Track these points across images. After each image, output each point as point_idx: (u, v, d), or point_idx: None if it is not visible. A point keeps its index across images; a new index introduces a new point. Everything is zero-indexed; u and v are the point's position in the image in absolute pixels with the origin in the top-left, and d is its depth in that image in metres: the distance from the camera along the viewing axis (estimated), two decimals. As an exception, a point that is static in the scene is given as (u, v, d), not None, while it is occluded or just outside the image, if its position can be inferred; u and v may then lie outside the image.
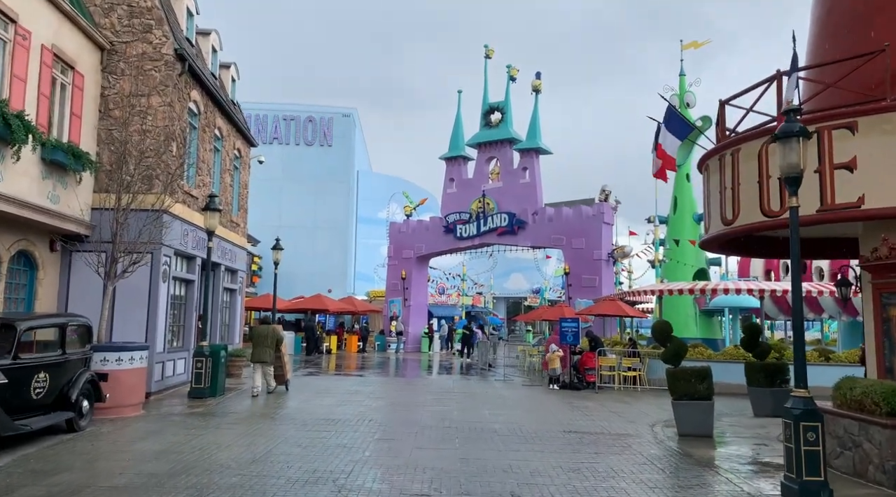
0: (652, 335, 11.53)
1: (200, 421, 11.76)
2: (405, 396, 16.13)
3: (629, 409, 14.56)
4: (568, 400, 15.95)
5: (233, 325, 21.42)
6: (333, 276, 50.95)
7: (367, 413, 13.04)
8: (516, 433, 11.15)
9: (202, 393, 14.52)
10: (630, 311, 20.47)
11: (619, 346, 20.93)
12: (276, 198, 52.12)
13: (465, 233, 35.11)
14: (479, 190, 35.06)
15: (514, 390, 17.97)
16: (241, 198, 21.92)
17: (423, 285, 38.81)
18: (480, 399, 15.75)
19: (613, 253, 31.28)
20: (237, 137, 21.07)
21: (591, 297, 29.24)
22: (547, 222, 32.39)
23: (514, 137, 34.59)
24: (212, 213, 14.99)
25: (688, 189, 36.14)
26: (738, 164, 10.55)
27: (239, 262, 21.45)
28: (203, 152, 17.52)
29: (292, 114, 53.27)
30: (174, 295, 16.21)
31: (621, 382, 18.82)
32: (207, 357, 14.65)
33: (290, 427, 11.26)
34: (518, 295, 65.17)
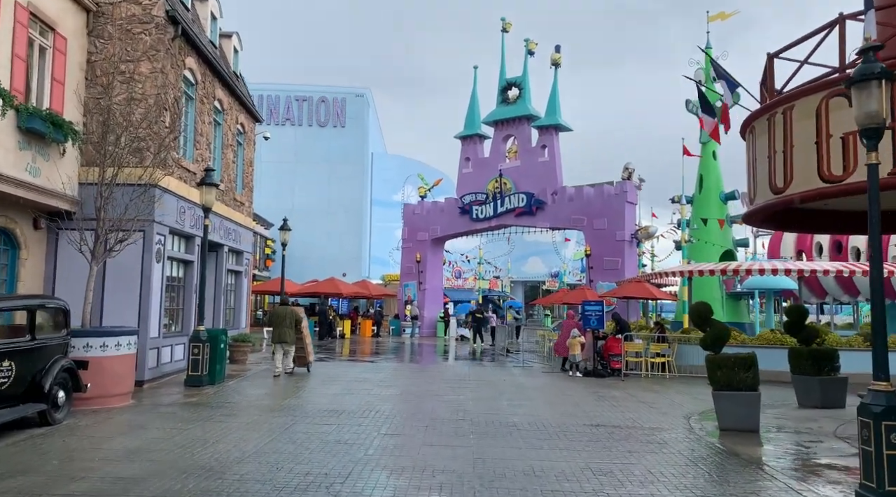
0: (690, 318, 10.30)
1: (192, 412, 10.77)
2: (417, 385, 15.07)
3: (660, 399, 13.37)
4: (593, 389, 14.80)
5: (238, 308, 20.47)
6: (348, 259, 50.05)
7: (375, 403, 11.98)
8: (538, 427, 10.03)
9: (199, 381, 13.55)
10: (658, 293, 19.18)
11: (644, 331, 19.70)
12: (289, 180, 51.22)
13: (482, 214, 33.89)
14: (495, 169, 33.78)
15: (534, 378, 16.85)
16: (245, 175, 20.88)
17: (439, 268, 37.72)
18: (498, 388, 14.64)
19: (637, 234, 29.92)
20: (240, 111, 19.99)
21: (614, 280, 28.00)
22: (567, 202, 31.08)
23: (532, 114, 33.22)
24: (208, 188, 13.94)
25: (714, 167, 34.65)
26: (792, 124, 9.26)
27: (244, 243, 20.46)
28: (201, 125, 16.45)
29: (304, 94, 52.16)
30: (171, 276, 15.23)
31: (648, 369, 17.62)
32: (204, 342, 13.67)
33: (289, 419, 10.23)
34: (536, 279, 63.93)
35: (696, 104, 35.07)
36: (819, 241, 30.57)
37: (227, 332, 14.84)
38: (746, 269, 18.28)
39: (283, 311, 15.93)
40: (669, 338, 18.08)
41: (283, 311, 15.92)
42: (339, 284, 33.88)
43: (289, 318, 15.68)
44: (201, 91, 16.38)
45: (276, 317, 15.80)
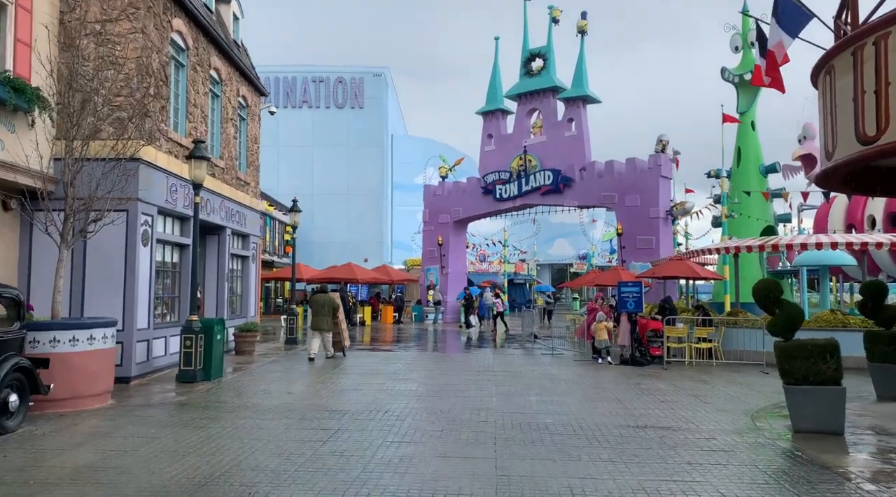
0: (755, 298, 8.57)
1: (173, 415, 9.37)
2: (435, 377, 13.54)
3: (712, 392, 11.67)
4: (633, 379, 13.14)
5: (246, 295, 19.11)
6: (369, 244, 48.71)
7: (386, 401, 10.48)
8: (574, 430, 8.43)
9: (192, 376, 12.19)
10: (703, 272, 17.34)
11: (685, 314, 17.92)
12: (308, 164, 49.95)
13: (506, 193, 32.15)
14: (519, 146, 31.99)
15: (566, 367, 15.23)
16: (250, 153, 19.43)
17: (462, 252, 36.12)
18: (526, 380, 13.05)
19: (672, 210, 27.94)
20: (242, 83, 18.51)
21: (648, 260, 26.15)
22: (596, 178, 29.20)
23: (558, 86, 31.30)
24: (198, 162, 12.47)
25: (753, 138, 32.52)
26: (888, 55, 7.45)
27: (250, 226, 19.06)
28: (195, 95, 15.00)
29: (321, 75, 50.66)
30: (164, 261, 13.87)
31: (693, 356, 15.89)
32: (197, 334, 12.28)
33: (282, 422, 8.78)
34: (563, 261, 62.01)
35: (733, 72, 33.08)
36: (871, 213, 28.31)
37: (223, 321, 13.45)
38: (801, 243, 16.36)
39: (321, 298, 16.13)
40: (715, 321, 16.30)
41: (322, 298, 16.11)
42: (357, 270, 32.45)
43: (327, 305, 15.92)
44: (194, 58, 14.91)
45: (314, 304, 16.08)
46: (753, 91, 32.40)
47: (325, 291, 16.68)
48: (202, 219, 15.19)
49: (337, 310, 16.29)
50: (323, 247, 47.63)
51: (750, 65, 32.03)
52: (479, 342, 22.68)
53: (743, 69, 32.19)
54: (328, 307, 15.92)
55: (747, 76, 31.73)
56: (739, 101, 32.55)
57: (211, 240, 17.04)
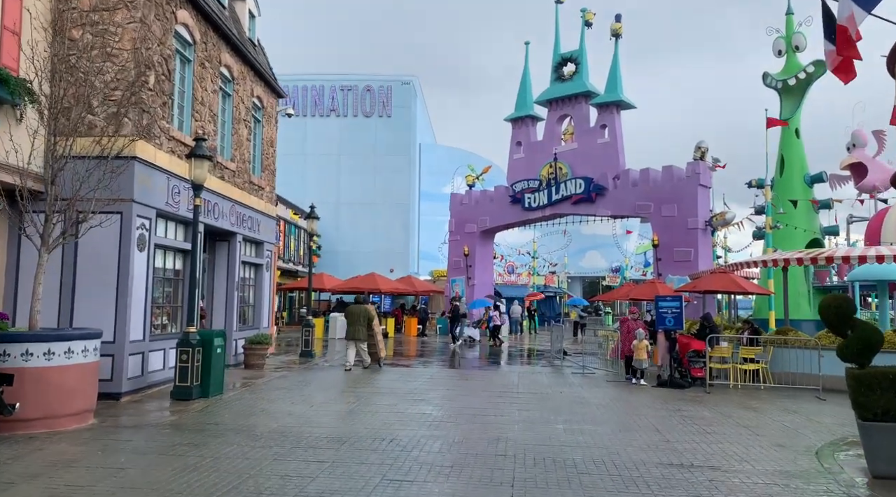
0: (822, 317, 7.23)
1: (154, 439, 8.35)
2: (453, 398, 12.36)
3: (765, 422, 10.29)
4: (673, 405, 11.80)
5: (259, 305, 18.18)
6: (395, 254, 47.79)
7: (393, 427, 9.35)
8: (607, 469, 7.20)
9: (188, 393, 11.21)
10: (750, 286, 15.88)
11: (728, 331, 16.49)
12: (335, 173, 49.34)
13: (535, 203, 30.91)
14: (549, 153, 30.77)
15: (598, 389, 13.93)
16: (265, 157, 18.57)
17: (489, 262, 34.92)
18: (552, 403, 11.80)
19: (712, 220, 26.42)
20: (257, 83, 17.68)
21: (685, 273, 24.68)
22: (631, 187, 27.82)
23: (590, 91, 30.05)
24: (198, 161, 11.56)
25: (797, 146, 30.81)
26: None
27: (264, 233, 18.16)
28: (202, 93, 14.16)
29: (349, 83, 50.10)
30: (164, 268, 12.98)
31: (738, 379, 14.46)
32: (195, 347, 11.32)
33: (272, 451, 7.70)
34: (595, 274, 60.32)
35: (776, 78, 31.45)
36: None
37: (224, 333, 12.47)
38: (859, 255, 14.83)
39: (356, 309, 16.38)
40: (763, 340, 14.85)
41: (357, 309, 16.37)
42: (380, 280, 31.54)
43: (362, 315, 16.18)
44: (202, 53, 14.09)
45: (350, 315, 16.34)
46: (798, 97, 30.76)
47: (361, 302, 17.02)
48: (208, 224, 14.36)
49: (372, 320, 16.51)
50: (348, 256, 46.86)
51: (794, 69, 30.42)
52: (504, 357, 21.45)
53: (787, 74, 30.57)
54: (363, 317, 16.17)
55: (791, 81, 30.16)
56: (783, 108, 30.91)
57: (220, 246, 16.17)
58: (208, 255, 16.07)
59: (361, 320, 16.16)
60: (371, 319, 16.49)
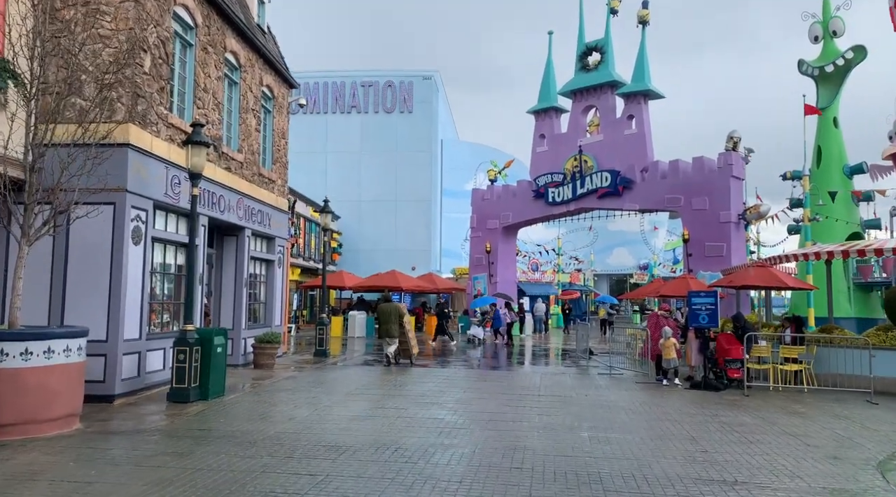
0: (887, 312, 6.20)
1: (136, 448, 7.63)
2: (468, 402, 11.49)
3: (814, 430, 9.26)
4: (709, 409, 10.80)
5: (271, 303, 17.49)
6: (417, 252, 47.00)
7: (400, 433, 8.52)
8: (638, 486, 6.29)
9: (185, 395, 10.52)
10: (792, 281, 14.73)
11: (766, 330, 15.36)
12: (356, 170, 48.70)
13: (559, 197, 29.88)
14: (574, 146, 29.70)
15: (626, 392, 12.95)
16: (277, 149, 17.87)
17: (511, 259, 33.93)
18: (577, 408, 10.87)
19: (745, 214, 25.13)
20: (267, 72, 16.98)
21: (718, 269, 23.50)
22: (659, 179, 26.65)
23: (616, 80, 28.91)
24: (196, 148, 10.86)
25: (835, 136, 29.45)
26: None
27: (275, 227, 17.47)
28: (205, 79, 13.47)
29: (370, 79, 49.39)
30: (164, 263, 12.30)
31: (779, 380, 13.38)
32: (192, 346, 10.62)
33: (262, 462, 6.93)
34: (622, 271, 58.92)
35: (812, 65, 30.02)
36: None
37: (225, 332, 11.74)
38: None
39: (386, 307, 16.86)
40: (807, 339, 13.74)
41: (387, 307, 16.85)
42: (401, 278, 30.76)
43: (392, 314, 16.63)
44: (204, 37, 13.40)
45: (380, 313, 16.76)
46: (835, 85, 29.35)
47: (390, 300, 17.52)
48: (213, 217, 13.70)
49: (402, 318, 16.89)
50: (370, 254, 46.21)
51: (832, 55, 29.02)
52: (526, 357, 20.53)
53: (824, 60, 29.18)
54: (394, 315, 16.63)
55: (829, 68, 28.77)
56: (819, 97, 29.52)
57: (228, 241, 15.51)
58: (215, 251, 15.43)
59: (392, 318, 16.58)
60: (401, 317, 16.86)
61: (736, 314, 14.81)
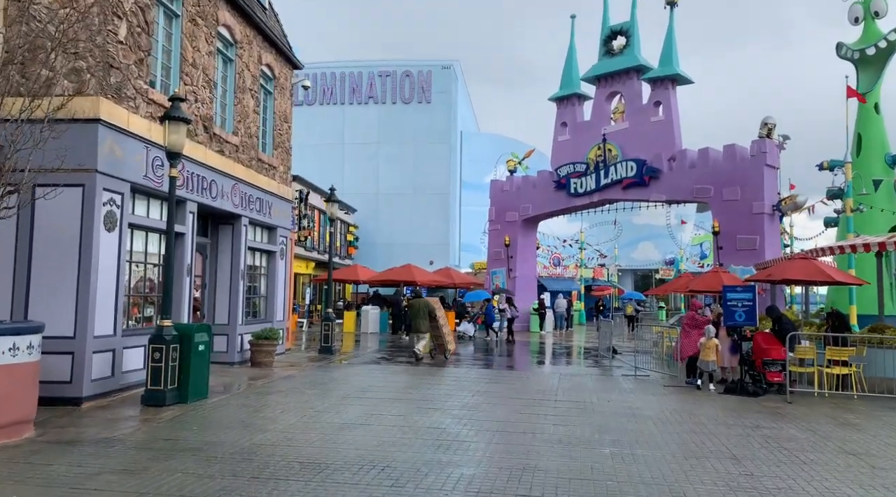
0: None
1: (84, 463, 6.58)
2: (475, 407, 10.31)
3: (878, 447, 7.94)
4: (749, 419, 9.50)
5: (272, 297, 16.47)
6: (436, 246, 45.88)
7: (393, 446, 7.38)
8: (673, 524, 5.07)
9: (160, 398, 9.48)
10: (839, 275, 13.31)
11: (807, 329, 13.97)
12: (373, 163, 47.68)
13: (581, 188, 28.53)
14: (598, 134, 28.32)
15: (654, 397, 11.68)
16: (278, 132, 16.81)
17: (531, 253, 32.66)
18: (598, 416, 9.64)
19: (780, 205, 23.60)
20: (267, 50, 15.91)
21: (750, 263, 22.04)
22: (688, 169, 25.22)
23: (642, 65, 27.47)
24: (174, 125, 9.79)
25: (877, 123, 27.62)
26: None
27: (277, 216, 16.43)
28: (194, 54, 12.42)
29: (388, 69, 48.29)
30: (145, 251, 11.29)
31: (826, 385, 12.01)
32: (169, 343, 9.59)
33: (222, 483, 5.84)
34: (647, 267, 57.19)
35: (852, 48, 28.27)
36: None
37: (209, 328, 10.69)
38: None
39: (417, 303, 17.12)
40: (852, 339, 12.34)
41: (418, 303, 17.09)
42: (416, 272, 29.57)
43: (423, 308, 16.82)
44: (192, 8, 12.34)
45: (411, 308, 17.17)
46: (877, 69, 27.55)
47: (420, 296, 17.85)
48: (204, 203, 12.70)
49: (433, 313, 17.01)
50: (387, 248, 45.17)
51: (873, 37, 27.26)
52: (545, 356, 19.30)
53: (864, 43, 27.39)
54: (424, 310, 16.78)
55: (870, 51, 27.00)
56: (860, 82, 27.73)
57: (223, 230, 14.50)
58: (210, 241, 14.43)
59: (422, 313, 16.72)
60: (432, 312, 16.96)
61: (770, 307, 13.44)
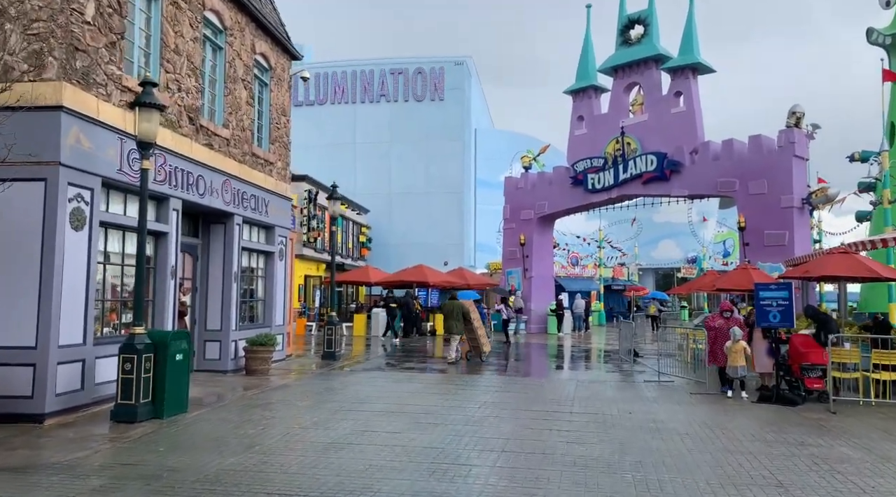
0: None
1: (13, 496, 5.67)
2: (479, 422, 9.26)
3: (944, 469, 6.80)
4: (791, 435, 8.38)
5: (270, 300, 15.55)
6: (450, 246, 44.87)
7: (375, 473, 6.39)
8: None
9: (130, 414, 8.58)
10: (885, 270, 12.09)
11: (847, 330, 12.76)
12: (385, 162, 46.81)
13: (599, 183, 27.39)
14: (615, 127, 27.16)
15: (680, 407, 10.58)
16: (275, 126, 15.91)
17: (548, 252, 31.53)
18: (618, 431, 8.57)
19: (811, 198, 22.29)
20: (261, 39, 15.02)
21: (779, 260, 20.79)
22: (711, 162, 24.00)
23: (662, 54, 26.27)
24: (145, 112, 8.89)
25: (910, 112, 26.29)
26: None
27: (274, 215, 15.53)
28: (177, 39, 11.54)
29: (399, 67, 47.39)
30: (122, 253, 10.42)
31: (874, 393, 10.82)
32: (142, 353, 8.68)
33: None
34: (669, 265, 55.71)
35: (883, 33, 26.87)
36: None
37: (187, 335, 9.78)
38: None
39: (450, 305, 17.14)
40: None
41: (452, 305, 17.11)
42: (428, 272, 28.57)
43: (456, 310, 16.87)
44: (174, -10, 11.47)
45: (446, 310, 17.14)
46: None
47: (455, 299, 17.76)
48: (190, 200, 11.83)
49: (468, 315, 17.06)
50: (400, 249, 44.25)
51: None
52: (564, 359, 18.22)
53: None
54: (458, 312, 16.83)
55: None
56: (892, 67, 26.32)
57: (215, 230, 13.60)
58: (200, 241, 13.55)
59: (456, 315, 16.79)
60: (467, 314, 17.01)
61: (808, 306, 12.28)
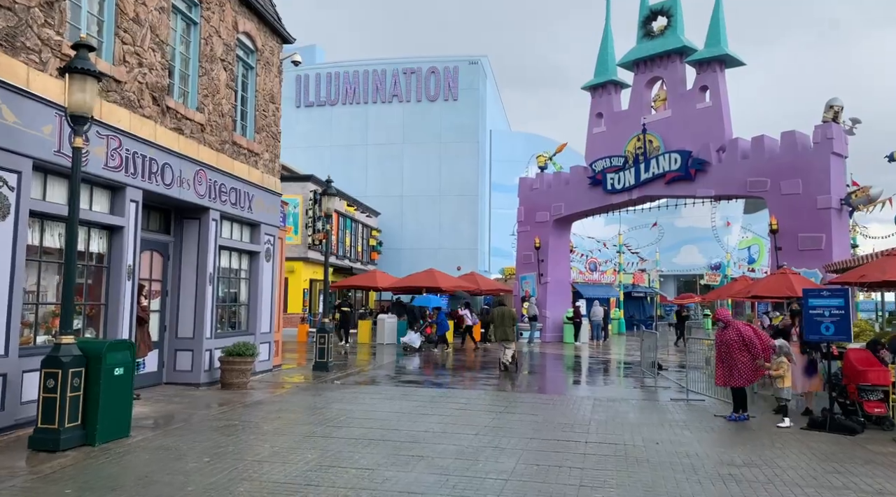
0: None
1: None
2: (473, 455, 7.68)
3: None
4: (860, 475, 6.72)
5: (254, 305, 14.12)
6: (463, 251, 43.38)
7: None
8: None
9: (52, 441, 7.12)
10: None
11: None
12: (398, 164, 45.43)
13: (619, 184, 25.73)
14: (637, 124, 25.51)
15: (714, 435, 8.94)
16: (261, 114, 14.50)
17: (564, 256, 29.86)
18: (643, 471, 6.96)
19: (850, 198, 20.46)
20: (245, 17, 13.64)
21: (815, 266, 19.03)
22: (740, 160, 22.28)
23: (686, 46, 24.59)
24: (77, 80, 7.46)
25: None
26: None
27: (260, 211, 14.11)
28: (138, 7, 10.15)
29: (412, 66, 46.05)
30: (58, 248, 9.02)
31: (944, 421, 9.12)
32: (68, 367, 7.24)
33: None
34: (691, 271, 53.67)
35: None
36: None
37: (129, 344, 8.30)
38: None
39: (499, 311, 16.44)
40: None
41: (501, 311, 16.39)
42: (439, 277, 27.10)
43: (506, 316, 16.11)
44: (135, -48, 10.10)
45: (495, 316, 16.43)
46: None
47: (503, 303, 17.15)
48: (151, 190, 10.41)
49: (515, 321, 16.33)
50: (412, 254, 42.85)
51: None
52: (580, 372, 16.59)
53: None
54: (508, 318, 16.08)
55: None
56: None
57: (189, 226, 12.21)
58: (173, 239, 12.16)
59: (506, 321, 15.96)
60: (514, 319, 16.28)
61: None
